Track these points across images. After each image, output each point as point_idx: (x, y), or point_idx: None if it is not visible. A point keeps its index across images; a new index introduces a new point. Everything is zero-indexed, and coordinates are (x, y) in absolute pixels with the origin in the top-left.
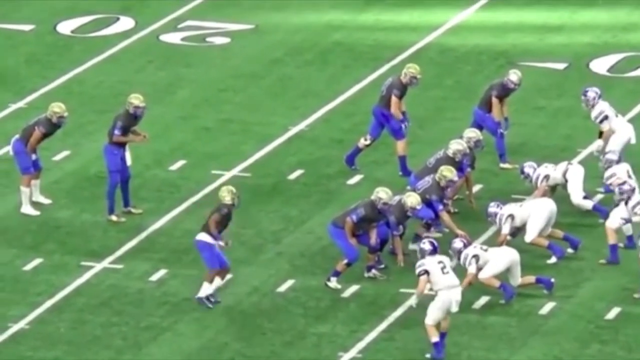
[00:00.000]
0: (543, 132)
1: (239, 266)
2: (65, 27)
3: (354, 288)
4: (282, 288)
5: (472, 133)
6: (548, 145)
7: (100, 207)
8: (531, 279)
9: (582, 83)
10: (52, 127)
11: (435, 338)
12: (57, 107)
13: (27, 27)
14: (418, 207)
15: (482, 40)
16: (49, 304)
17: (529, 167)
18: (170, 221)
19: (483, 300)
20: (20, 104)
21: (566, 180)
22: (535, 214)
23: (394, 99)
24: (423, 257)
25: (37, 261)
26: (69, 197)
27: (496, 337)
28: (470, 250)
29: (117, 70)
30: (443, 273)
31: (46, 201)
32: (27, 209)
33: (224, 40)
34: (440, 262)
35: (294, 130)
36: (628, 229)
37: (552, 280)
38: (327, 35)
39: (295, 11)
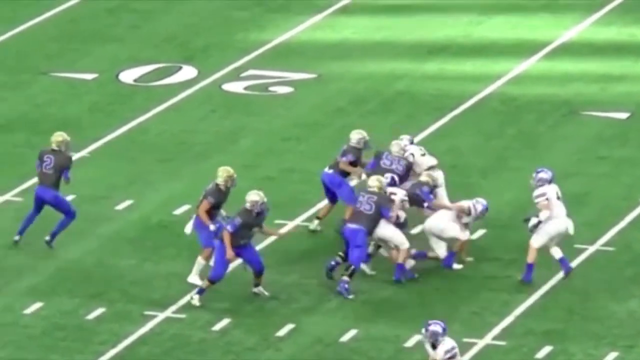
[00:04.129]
0: (605, 181)
1: (303, 315)
2: (128, 76)
3: (417, 337)
4: (345, 338)
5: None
6: (610, 195)
7: (163, 256)
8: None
9: None
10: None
11: None
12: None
13: (89, 76)
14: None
15: (544, 90)
16: (112, 353)
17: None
18: (233, 270)
19: (546, 349)
20: (83, 152)
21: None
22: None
23: None
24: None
25: (100, 310)
26: (132, 246)
27: None
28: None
29: (180, 119)
30: None
31: (198, 282)
32: (194, 278)
33: (287, 89)
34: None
35: (356, 179)
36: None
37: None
38: (389, 84)
39: (358, 60)
